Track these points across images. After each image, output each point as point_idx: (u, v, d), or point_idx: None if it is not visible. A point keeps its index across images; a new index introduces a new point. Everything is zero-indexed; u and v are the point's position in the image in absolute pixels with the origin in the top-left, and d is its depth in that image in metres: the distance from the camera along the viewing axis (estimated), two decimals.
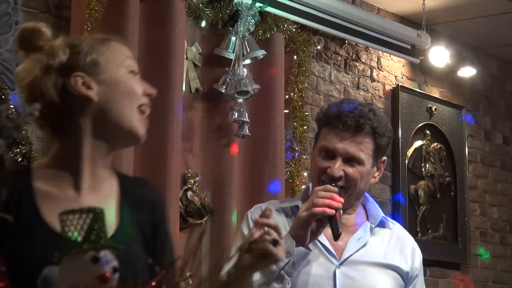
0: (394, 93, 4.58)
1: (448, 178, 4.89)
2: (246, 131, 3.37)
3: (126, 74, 1.69)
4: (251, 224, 2.32)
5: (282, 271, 2.09)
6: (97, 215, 1.19)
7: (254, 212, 2.38)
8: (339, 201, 2.15)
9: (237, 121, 3.37)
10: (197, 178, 3.31)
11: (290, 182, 3.62)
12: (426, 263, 4.18)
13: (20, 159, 2.80)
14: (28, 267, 1.53)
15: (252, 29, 3.43)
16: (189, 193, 3.19)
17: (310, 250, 2.16)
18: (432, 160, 4.81)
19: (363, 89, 4.43)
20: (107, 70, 1.67)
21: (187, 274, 2.32)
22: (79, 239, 1.18)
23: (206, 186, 3.42)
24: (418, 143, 4.72)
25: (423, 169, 4.75)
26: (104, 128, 1.65)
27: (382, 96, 4.54)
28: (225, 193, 3.37)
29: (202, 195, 3.28)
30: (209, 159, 3.46)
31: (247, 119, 3.37)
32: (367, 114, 2.26)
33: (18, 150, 2.77)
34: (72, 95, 1.63)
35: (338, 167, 2.23)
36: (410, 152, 4.66)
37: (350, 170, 2.24)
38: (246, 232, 2.33)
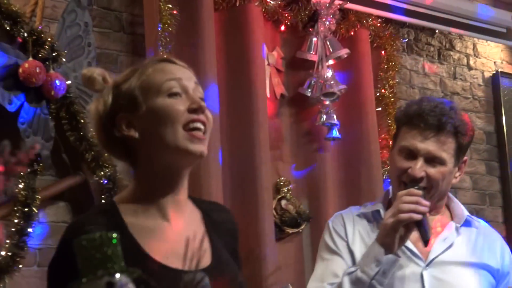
0: (494, 80, 4.42)
1: None
2: (336, 133, 3.29)
3: (163, 100, 1.65)
4: (333, 234, 2.33)
5: (373, 281, 2.07)
6: (110, 240, 1.18)
7: (335, 221, 2.38)
8: (425, 204, 2.10)
9: (326, 124, 3.29)
10: (290, 186, 3.24)
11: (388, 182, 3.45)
12: None
13: (105, 181, 2.81)
14: None
15: (333, 28, 3.34)
16: (283, 202, 3.11)
17: (399, 256, 2.12)
18: None
19: (461, 79, 4.29)
20: (143, 103, 1.67)
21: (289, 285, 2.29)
22: (95, 265, 1.17)
23: (300, 193, 3.34)
24: None
25: None
26: (160, 157, 1.66)
27: (481, 84, 4.39)
28: (320, 199, 3.28)
29: (297, 203, 3.19)
30: (301, 165, 3.39)
31: (336, 121, 3.28)
32: (449, 113, 2.22)
33: (102, 173, 2.78)
34: (122, 137, 1.68)
35: (420, 168, 2.19)
36: None
37: (432, 170, 2.20)
38: (329, 242, 2.34)
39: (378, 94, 3.56)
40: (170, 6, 2.90)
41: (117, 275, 1.18)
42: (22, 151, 1.16)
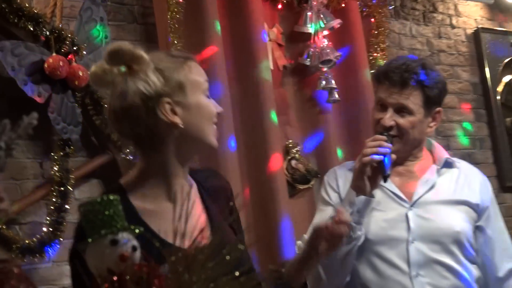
0: (476, 36, 4.35)
1: None
2: (336, 96, 3.23)
3: (204, 98, 1.64)
4: (327, 187, 2.33)
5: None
6: (111, 202, 1.19)
7: (329, 175, 2.38)
8: (386, 146, 2.12)
9: (326, 89, 3.23)
10: (298, 147, 3.20)
11: None
12: None
13: (132, 157, 2.79)
14: None
15: (325, 1, 3.30)
16: (293, 162, 3.07)
17: (373, 197, 2.13)
18: None
19: (445, 37, 4.24)
20: (190, 95, 1.62)
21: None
22: (99, 226, 1.18)
23: (308, 153, 3.31)
24: (507, 78, 4.42)
25: None
26: (188, 147, 1.63)
27: (464, 40, 4.32)
28: (325, 156, 3.23)
29: (306, 162, 3.14)
30: (307, 128, 3.33)
31: (334, 85, 3.22)
32: (414, 69, 2.21)
33: (128, 150, 2.77)
34: (161, 119, 1.58)
35: (389, 117, 2.20)
36: (500, 88, 4.39)
37: (401, 120, 2.20)
38: (324, 195, 2.34)
39: (371, 57, 3.49)
40: None
41: (120, 233, 1.18)
42: (21, 127, 1.18)
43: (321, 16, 3.24)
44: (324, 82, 3.20)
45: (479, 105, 4.28)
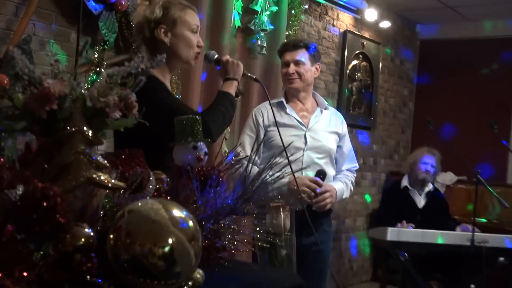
0: (345, 34, 4.62)
1: (369, 81, 4.91)
2: (264, 50, 3.44)
3: (190, 33, 1.66)
4: (254, 118, 2.27)
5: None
6: (196, 120, 1.13)
7: (257, 110, 2.32)
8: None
9: (260, 46, 3.43)
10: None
11: None
12: (353, 126, 4.73)
13: (141, 57, 2.46)
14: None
15: None
16: None
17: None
18: (361, 71, 4.82)
19: (328, 31, 4.48)
20: (179, 28, 1.65)
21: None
22: (187, 134, 1.12)
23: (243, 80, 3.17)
24: (354, 62, 4.74)
25: (356, 76, 4.76)
26: (170, 60, 1.63)
27: (337, 35, 4.58)
28: (250, 86, 3.30)
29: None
30: (243, 63, 2.95)
31: (265, 44, 3.43)
32: (302, 40, 2.35)
33: (140, 54, 2.49)
34: (156, 37, 1.64)
35: (291, 68, 2.28)
36: (350, 66, 4.70)
37: (298, 68, 2.28)
38: (252, 124, 2.26)
39: (287, 33, 3.66)
40: None
41: (199, 142, 1.13)
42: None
43: (267, 1, 3.43)
44: (259, 41, 3.44)
45: (336, 73, 4.59)
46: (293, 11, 3.69)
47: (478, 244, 3.03)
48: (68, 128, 0.82)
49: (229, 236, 0.88)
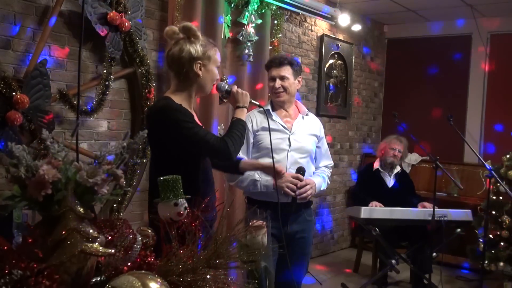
0: (322, 37, 4.58)
1: (344, 77, 4.85)
2: (251, 58, 3.45)
3: (215, 69, 1.73)
4: (248, 122, 2.21)
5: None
6: (177, 179, 1.11)
7: (247, 118, 2.23)
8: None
9: (248, 54, 3.45)
10: (228, 79, 3.32)
11: None
12: (331, 116, 4.72)
13: (144, 71, 2.78)
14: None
15: (256, 8, 3.45)
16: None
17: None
18: (337, 69, 4.75)
19: (307, 36, 4.45)
20: (210, 64, 1.71)
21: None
22: (168, 193, 1.11)
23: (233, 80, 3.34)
24: (331, 61, 4.70)
25: (332, 73, 4.70)
26: (198, 89, 1.71)
27: (315, 38, 4.53)
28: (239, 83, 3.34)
29: (227, 81, 3.13)
30: (233, 69, 3.40)
31: (252, 53, 3.46)
32: (286, 58, 2.29)
33: (143, 67, 2.79)
34: (193, 69, 1.69)
35: (278, 83, 2.26)
36: (327, 65, 4.67)
37: (283, 82, 2.26)
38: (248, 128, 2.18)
39: (271, 41, 3.69)
40: None
41: (180, 199, 1.11)
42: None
43: (252, 16, 3.44)
44: (246, 50, 3.44)
45: (315, 72, 4.56)
46: (275, 21, 3.70)
47: (438, 218, 3.11)
48: (61, 207, 0.85)
49: (207, 286, 0.87)
